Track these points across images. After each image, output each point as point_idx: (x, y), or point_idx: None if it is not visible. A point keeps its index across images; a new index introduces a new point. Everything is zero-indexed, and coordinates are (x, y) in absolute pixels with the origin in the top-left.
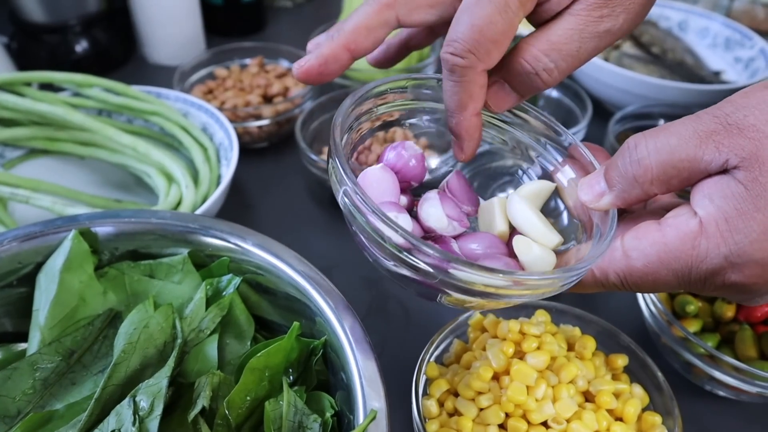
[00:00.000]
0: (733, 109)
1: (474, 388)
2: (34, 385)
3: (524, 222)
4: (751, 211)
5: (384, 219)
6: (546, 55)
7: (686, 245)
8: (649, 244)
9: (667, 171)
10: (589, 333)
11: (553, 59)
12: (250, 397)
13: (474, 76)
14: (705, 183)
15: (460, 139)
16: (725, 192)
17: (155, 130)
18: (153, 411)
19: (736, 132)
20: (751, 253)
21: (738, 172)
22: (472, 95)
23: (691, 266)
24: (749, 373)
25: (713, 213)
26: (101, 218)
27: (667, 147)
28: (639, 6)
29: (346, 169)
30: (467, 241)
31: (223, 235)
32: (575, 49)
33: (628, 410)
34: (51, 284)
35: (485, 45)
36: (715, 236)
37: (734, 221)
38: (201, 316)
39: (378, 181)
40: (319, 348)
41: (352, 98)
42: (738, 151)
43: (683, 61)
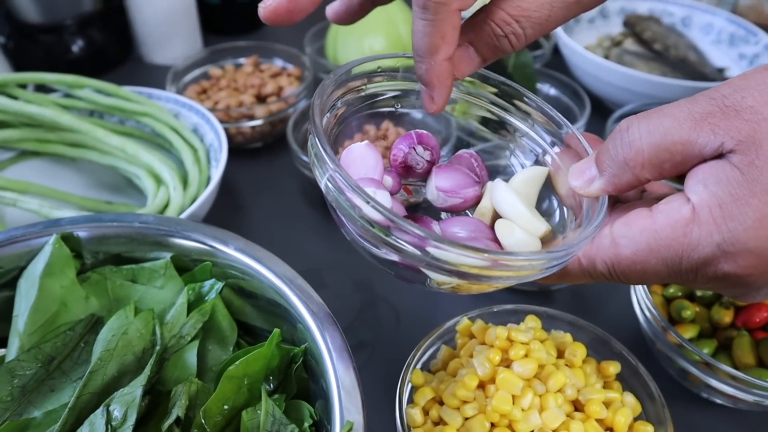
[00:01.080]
0: (730, 91)
1: (459, 396)
2: (11, 392)
3: (509, 208)
4: (746, 197)
5: (361, 195)
6: (516, 21)
7: (677, 232)
8: (639, 231)
9: (660, 154)
10: (581, 339)
11: (522, 25)
12: (227, 406)
13: (448, 15)
14: (699, 168)
15: (430, 87)
16: (720, 177)
17: (146, 131)
18: (126, 421)
19: (732, 114)
20: (746, 241)
21: (733, 155)
22: (444, 36)
23: (682, 255)
24: (746, 382)
25: (707, 199)
26: (84, 222)
27: (660, 129)
28: None
29: (326, 147)
30: (450, 224)
31: (205, 239)
32: (545, 17)
33: (619, 420)
34: (31, 289)
35: None
36: (708, 223)
37: (728, 207)
38: (182, 322)
39: (361, 158)
40: (299, 355)
41: (335, 74)
42: (734, 133)
43: (686, 57)
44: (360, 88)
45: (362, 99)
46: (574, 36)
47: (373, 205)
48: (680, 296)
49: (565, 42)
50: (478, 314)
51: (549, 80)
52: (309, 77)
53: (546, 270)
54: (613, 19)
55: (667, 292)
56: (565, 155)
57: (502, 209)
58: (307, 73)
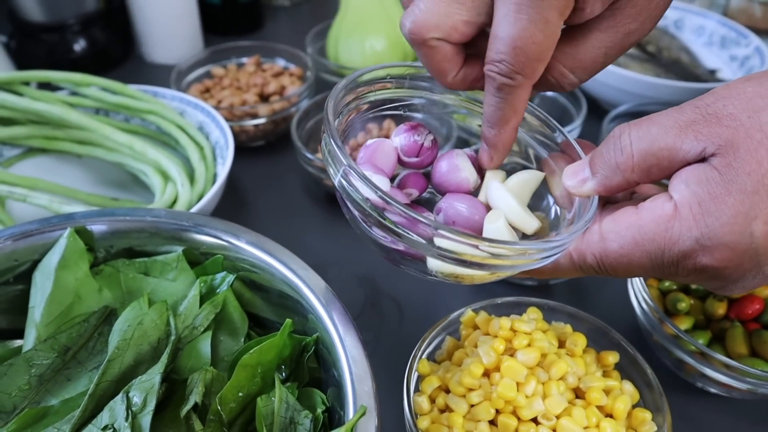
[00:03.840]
0: (713, 100)
1: (465, 384)
2: (29, 381)
3: (502, 204)
4: (723, 195)
5: (372, 187)
6: (572, 72)
7: (660, 227)
8: (625, 227)
9: (647, 159)
10: (580, 330)
11: (578, 75)
12: (242, 393)
13: (521, 92)
14: (683, 170)
15: (494, 150)
16: (700, 177)
17: (152, 128)
18: (146, 406)
19: (714, 121)
20: (722, 236)
21: (714, 158)
22: (516, 110)
23: (664, 248)
24: (740, 371)
25: (687, 197)
26: (97, 216)
27: (649, 136)
28: (660, 9)
29: (340, 144)
30: (451, 198)
31: (216, 233)
32: (600, 63)
33: (618, 407)
34: (47, 282)
35: (532, 65)
36: (687, 219)
37: (706, 204)
38: (195, 313)
39: (379, 151)
40: (311, 345)
41: (347, 80)
42: (715, 139)
43: (679, 59)
44: (369, 93)
45: (371, 104)
46: None
47: (381, 196)
48: (675, 289)
49: None
50: (482, 306)
51: None
52: (311, 77)
53: (541, 260)
54: None
55: (663, 285)
56: (559, 159)
57: (497, 206)
58: (308, 73)
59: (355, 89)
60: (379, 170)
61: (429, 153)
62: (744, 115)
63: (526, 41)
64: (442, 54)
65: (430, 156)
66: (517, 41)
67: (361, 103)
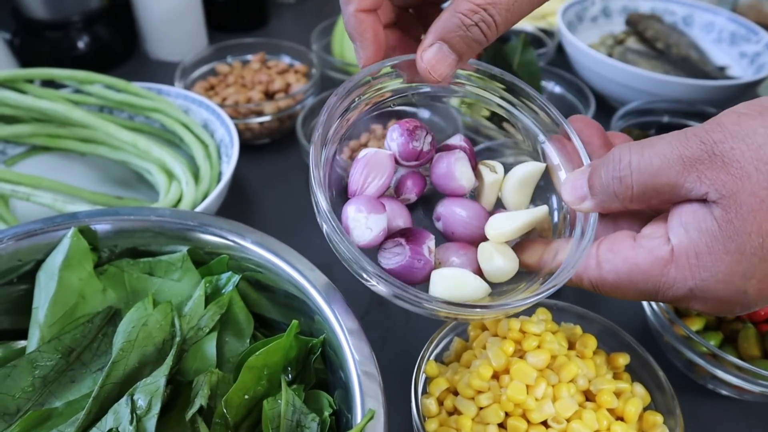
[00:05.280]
0: (721, 137)
1: (474, 386)
2: (33, 382)
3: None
4: (720, 253)
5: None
6: (483, 8)
7: (656, 269)
8: (622, 261)
9: (647, 192)
10: (590, 331)
11: (490, 12)
12: (248, 396)
13: None
14: (683, 209)
15: (353, 39)
16: (700, 226)
17: (156, 126)
18: (151, 410)
19: (719, 165)
20: (715, 291)
21: (716, 208)
22: None
23: (658, 290)
24: (752, 373)
25: (686, 244)
26: (101, 216)
27: (650, 169)
28: None
29: (321, 201)
30: (449, 204)
31: (222, 232)
32: (511, 2)
33: (629, 409)
34: (50, 282)
35: None
36: (684, 268)
37: (704, 258)
38: (200, 314)
39: (373, 166)
40: (317, 346)
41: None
42: (719, 186)
43: (688, 56)
44: (357, 99)
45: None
46: (578, 34)
47: (368, 279)
48: None
49: (569, 40)
50: None
51: (553, 78)
52: (316, 74)
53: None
54: (615, 17)
55: None
56: (563, 154)
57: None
58: (314, 70)
59: (343, 104)
60: (371, 206)
61: (428, 153)
62: (751, 166)
63: None
64: None
65: (429, 155)
66: None
67: (353, 107)
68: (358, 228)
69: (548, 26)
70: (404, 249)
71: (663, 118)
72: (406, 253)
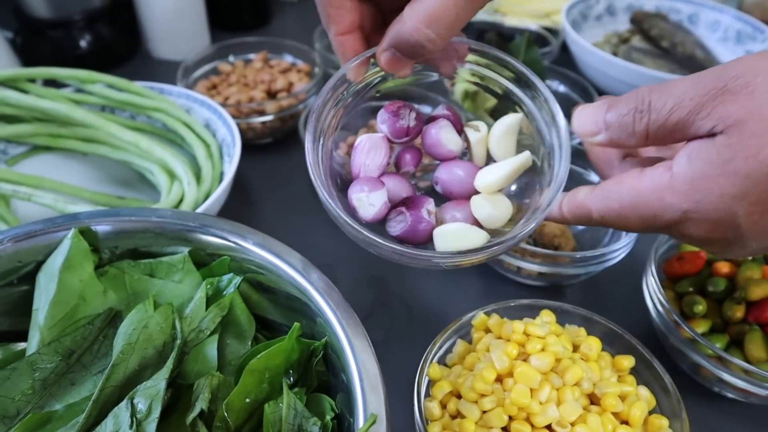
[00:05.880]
0: (740, 71)
1: (477, 390)
2: (33, 385)
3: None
4: (715, 176)
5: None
6: (427, 27)
7: (655, 195)
8: (626, 190)
9: (659, 131)
10: (594, 334)
11: (434, 30)
12: (249, 399)
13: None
14: (691, 144)
15: (338, 54)
16: (702, 155)
17: (158, 126)
18: (151, 413)
19: (730, 99)
20: (707, 212)
21: (720, 136)
22: (329, 17)
23: (656, 215)
24: (759, 376)
25: (684, 171)
26: (101, 216)
27: (665, 109)
28: None
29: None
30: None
31: (223, 233)
32: (453, 17)
33: (634, 413)
34: (50, 283)
35: None
36: (679, 192)
37: (699, 182)
38: (201, 316)
39: (370, 148)
40: (319, 349)
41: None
42: (725, 117)
43: (693, 55)
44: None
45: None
46: (582, 33)
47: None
48: (692, 291)
49: (574, 39)
50: (494, 309)
51: (558, 77)
52: (319, 73)
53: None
54: (620, 16)
55: (679, 287)
56: None
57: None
58: (316, 70)
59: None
60: (371, 184)
61: (416, 127)
62: (763, 95)
63: None
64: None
65: (418, 128)
66: None
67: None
68: (362, 206)
69: (552, 25)
70: (406, 216)
71: None
72: (407, 219)
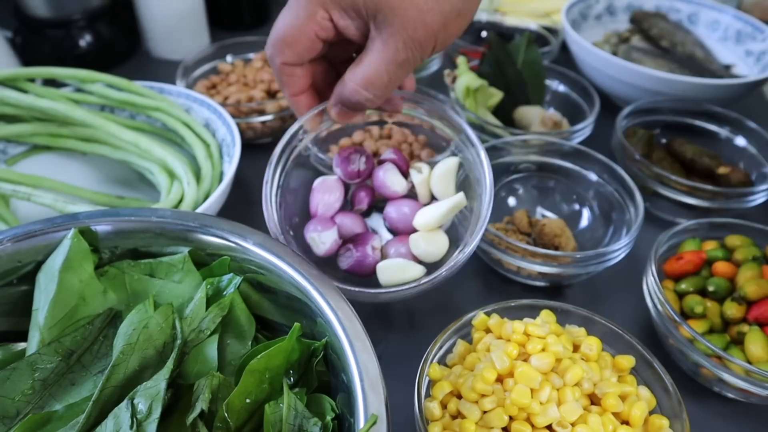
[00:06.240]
0: None
1: (477, 390)
2: (33, 385)
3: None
4: None
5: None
6: (364, 89)
7: None
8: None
9: None
10: (594, 334)
11: (370, 91)
12: (249, 400)
13: (277, 68)
14: None
15: (294, 112)
16: None
17: (158, 126)
18: (151, 414)
19: None
20: None
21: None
22: (282, 81)
23: None
24: (759, 375)
25: None
26: (101, 217)
27: None
28: (424, 32)
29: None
30: (392, 207)
31: (223, 233)
32: (386, 80)
33: (635, 413)
34: (50, 283)
35: (279, 45)
36: None
37: None
38: (201, 316)
39: (326, 190)
40: (320, 349)
41: None
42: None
43: (693, 54)
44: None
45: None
46: (582, 32)
47: None
48: (692, 291)
49: (573, 38)
50: (494, 309)
51: (558, 76)
52: None
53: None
54: (619, 15)
55: (679, 287)
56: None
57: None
58: None
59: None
60: (322, 224)
61: (366, 169)
62: None
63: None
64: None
65: (369, 170)
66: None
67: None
68: (314, 244)
69: (552, 24)
70: (353, 252)
71: (668, 117)
72: (354, 255)
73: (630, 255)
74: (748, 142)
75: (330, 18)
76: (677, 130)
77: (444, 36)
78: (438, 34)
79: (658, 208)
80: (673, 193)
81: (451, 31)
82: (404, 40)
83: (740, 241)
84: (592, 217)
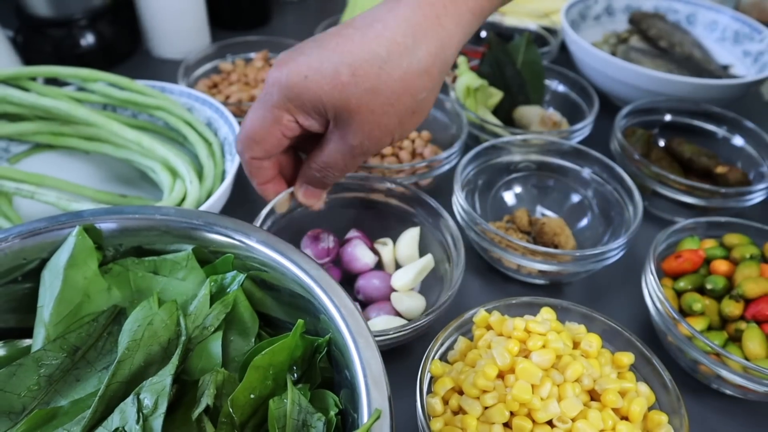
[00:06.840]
0: None
1: (479, 386)
2: (38, 381)
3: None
4: None
5: None
6: (326, 172)
7: None
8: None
9: None
10: (594, 331)
11: (331, 173)
12: (254, 395)
13: (246, 161)
14: None
15: (263, 197)
16: None
17: (160, 124)
18: (157, 409)
19: None
20: None
21: None
22: (251, 173)
23: None
24: (757, 372)
25: None
26: (105, 214)
27: None
28: (382, 131)
29: None
30: (365, 278)
31: (227, 231)
32: (342, 165)
33: (634, 409)
34: (55, 281)
35: (248, 142)
36: None
37: None
38: (205, 313)
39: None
40: (323, 346)
41: None
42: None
43: (691, 55)
44: None
45: None
46: (581, 32)
47: None
48: (690, 289)
49: (572, 38)
50: (495, 306)
51: (557, 76)
52: None
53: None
54: (618, 16)
55: (678, 285)
56: None
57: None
58: None
59: None
60: None
61: (334, 248)
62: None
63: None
64: (258, 165)
65: (336, 248)
66: (246, 125)
67: None
68: None
69: (551, 24)
70: None
71: (666, 117)
72: None
73: (629, 253)
74: (746, 141)
75: (295, 120)
76: (676, 129)
77: (401, 131)
78: (394, 131)
79: (657, 207)
80: (672, 192)
81: (407, 127)
82: (360, 139)
83: (738, 239)
84: (591, 216)
